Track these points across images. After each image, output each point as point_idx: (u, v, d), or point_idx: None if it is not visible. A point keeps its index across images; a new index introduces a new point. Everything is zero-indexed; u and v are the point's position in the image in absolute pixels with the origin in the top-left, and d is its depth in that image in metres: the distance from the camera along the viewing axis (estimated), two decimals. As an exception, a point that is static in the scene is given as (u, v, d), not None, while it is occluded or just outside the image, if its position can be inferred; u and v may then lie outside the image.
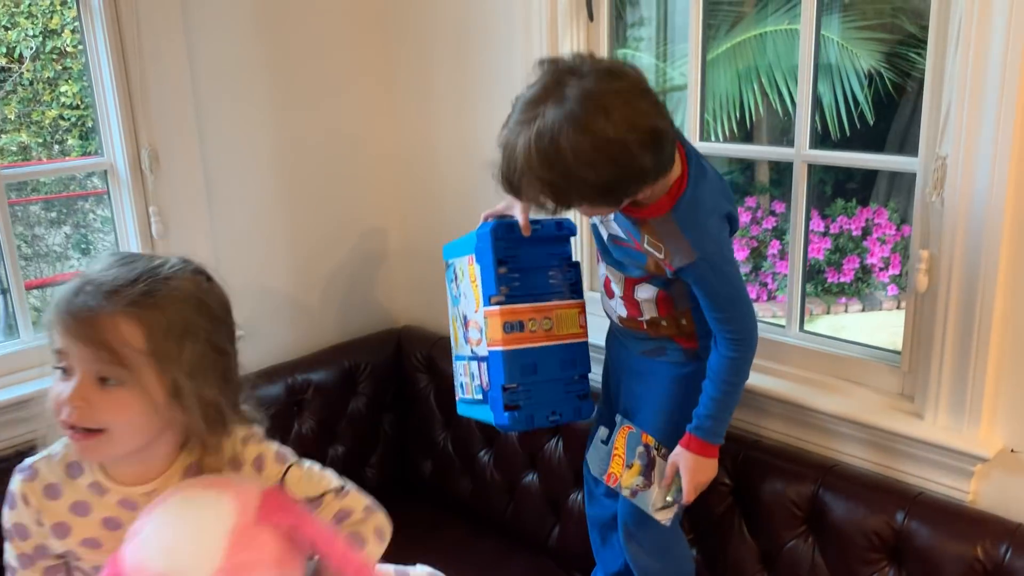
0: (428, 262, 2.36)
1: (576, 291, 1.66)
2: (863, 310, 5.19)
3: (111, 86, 1.88)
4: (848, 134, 4.86)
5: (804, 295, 1.76)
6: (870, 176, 5.49)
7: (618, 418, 1.62)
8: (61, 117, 6.13)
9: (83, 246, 6.33)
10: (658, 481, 1.56)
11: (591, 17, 1.92)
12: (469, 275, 1.66)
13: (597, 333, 1.72)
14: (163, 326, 1.00)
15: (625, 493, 1.57)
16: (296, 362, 2.17)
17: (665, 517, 1.56)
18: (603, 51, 1.95)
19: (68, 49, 6.04)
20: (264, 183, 2.15)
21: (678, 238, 1.37)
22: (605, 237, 1.54)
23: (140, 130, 1.91)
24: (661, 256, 1.42)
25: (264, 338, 2.16)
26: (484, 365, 1.62)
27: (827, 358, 1.69)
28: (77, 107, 6.14)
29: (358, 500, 1.19)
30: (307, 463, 1.17)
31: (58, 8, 5.83)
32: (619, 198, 1.32)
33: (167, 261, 1.07)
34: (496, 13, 2.02)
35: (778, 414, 1.71)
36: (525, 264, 1.61)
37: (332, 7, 2.18)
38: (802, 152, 1.68)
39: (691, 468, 1.50)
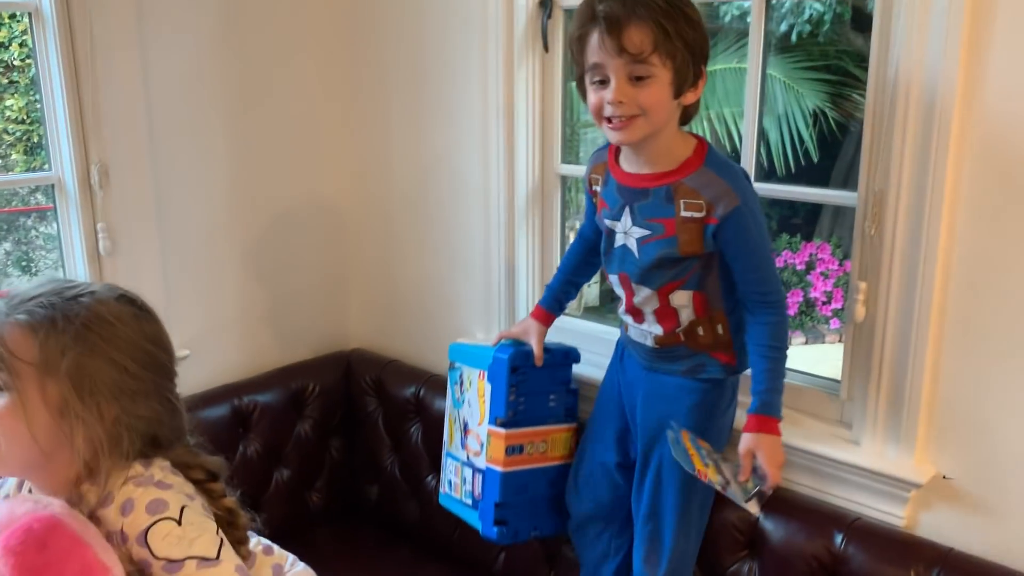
0: (382, 286, 2.37)
1: (571, 415, 1.80)
2: (806, 343, 5.31)
3: (62, 99, 1.86)
4: (793, 170, 5.00)
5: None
6: (814, 212, 5.65)
7: (669, 433, 1.55)
8: (5, 131, 6.01)
9: (24, 263, 6.17)
10: (733, 477, 1.51)
11: (546, 48, 1.96)
12: (478, 388, 1.76)
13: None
14: (57, 340, 1.00)
15: (717, 488, 1.52)
16: (243, 383, 2.15)
17: (757, 508, 1.52)
18: (557, 82, 1.99)
19: (15, 63, 5.93)
20: (215, 201, 2.14)
21: (717, 184, 1.41)
22: (635, 248, 1.50)
23: (90, 145, 1.89)
24: (702, 214, 1.41)
25: (211, 358, 2.13)
26: (480, 477, 1.76)
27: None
28: (23, 121, 6.01)
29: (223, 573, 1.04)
30: (195, 520, 1.04)
31: (6, 21, 5.72)
32: (697, 67, 1.39)
33: (91, 286, 1.07)
34: (454, 41, 2.06)
35: (719, 440, 1.74)
36: (532, 389, 1.74)
37: (289, 27, 2.19)
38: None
39: (770, 450, 1.47)
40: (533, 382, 1.74)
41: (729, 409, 1.61)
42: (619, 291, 1.59)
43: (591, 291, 5.97)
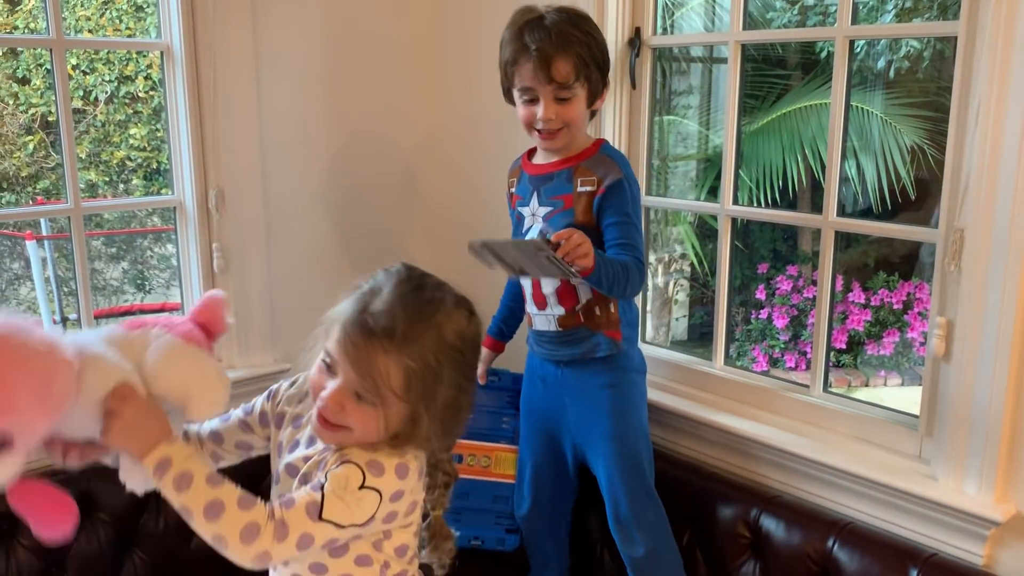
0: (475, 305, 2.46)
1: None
2: (902, 384, 5.16)
3: (186, 129, 2.03)
4: (890, 207, 4.91)
5: (828, 355, 1.82)
6: (914, 251, 5.51)
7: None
8: (128, 158, 6.44)
9: (139, 281, 6.57)
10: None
11: (634, 85, 2.04)
12: None
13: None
14: (421, 377, 1.11)
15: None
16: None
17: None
18: (644, 117, 2.06)
19: (140, 94, 6.37)
20: (318, 225, 2.28)
21: (608, 164, 1.69)
22: (541, 225, 1.71)
23: (209, 171, 2.06)
24: (593, 188, 1.67)
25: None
26: None
27: (849, 418, 1.75)
28: (144, 149, 6.44)
29: (295, 524, 1.10)
30: (371, 496, 1.13)
31: (134, 56, 6.16)
32: (604, 81, 1.68)
33: (442, 294, 1.17)
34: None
35: (798, 471, 1.76)
36: (482, 407, 1.89)
37: (389, 70, 2.33)
38: (829, 219, 1.76)
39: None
40: (481, 400, 1.78)
41: (643, 400, 1.80)
42: (527, 283, 1.76)
43: (679, 325, 5.97)
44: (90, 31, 6.10)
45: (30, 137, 6.17)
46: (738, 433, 1.83)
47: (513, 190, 1.83)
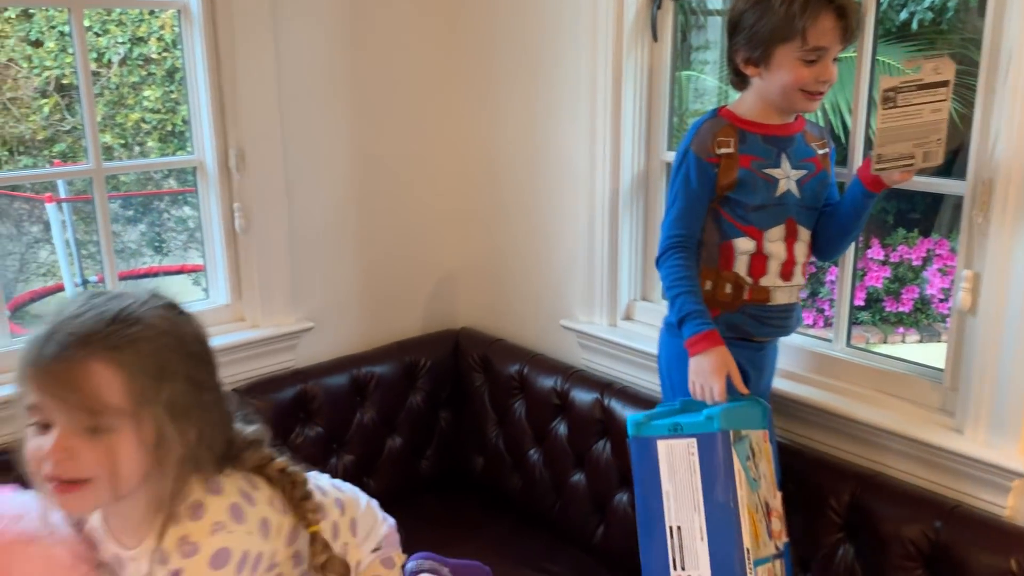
0: (490, 269, 2.48)
1: None
2: (920, 340, 5.14)
3: (205, 89, 2.03)
4: (911, 162, 4.83)
5: (852, 309, 1.82)
6: (933, 206, 5.45)
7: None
8: (143, 120, 6.43)
9: (156, 244, 6.60)
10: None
11: (655, 37, 2.01)
12: (765, 453, 1.52)
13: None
14: (139, 367, 0.96)
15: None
16: (361, 355, 2.29)
17: None
18: (666, 71, 2.04)
19: (153, 56, 6.34)
20: (339, 185, 2.28)
21: (814, 126, 1.68)
22: (795, 189, 1.61)
23: (229, 131, 2.06)
24: (825, 150, 1.66)
25: (333, 331, 2.29)
26: (780, 563, 1.50)
27: (871, 372, 1.75)
28: (158, 111, 6.42)
29: None
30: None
31: (147, 17, 6.12)
32: None
33: (137, 299, 1.01)
34: (563, 31, 2.13)
35: (821, 425, 1.76)
36: None
37: (407, 28, 2.31)
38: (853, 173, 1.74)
39: None
40: None
41: None
42: (772, 249, 1.60)
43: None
44: (104, -9, 6.05)
45: (45, 100, 6.16)
46: (761, 388, 1.84)
47: (731, 150, 1.59)
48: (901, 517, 1.57)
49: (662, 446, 1.44)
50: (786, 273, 1.62)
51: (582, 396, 2.09)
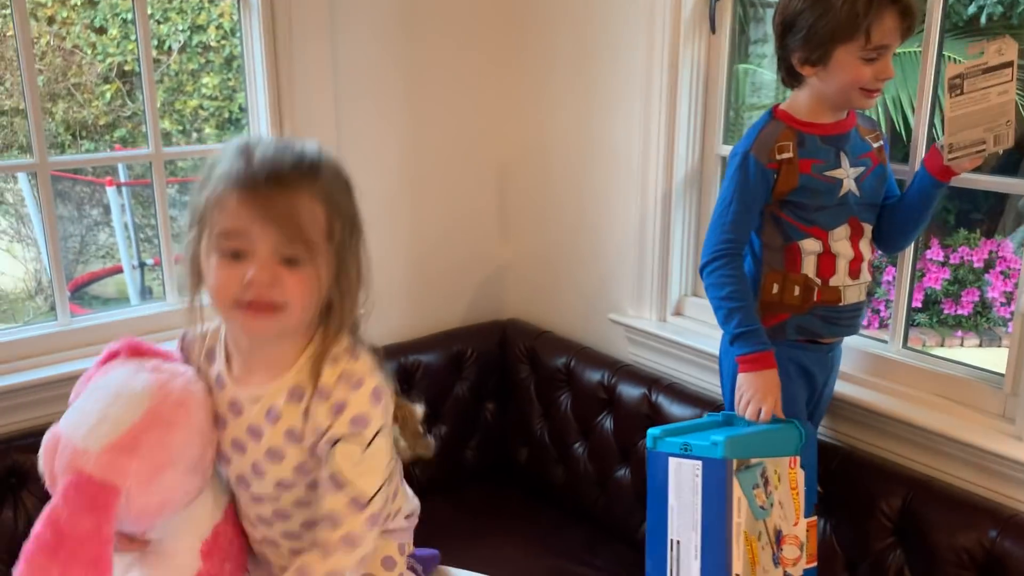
0: (538, 260, 2.47)
1: None
2: (980, 345, 5.00)
3: (262, 78, 2.05)
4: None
5: (910, 311, 1.77)
6: (997, 207, 5.30)
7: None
8: (201, 107, 6.54)
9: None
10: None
11: (713, 29, 1.98)
12: (789, 481, 1.51)
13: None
14: (335, 204, 1.02)
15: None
16: (409, 343, 2.30)
17: None
18: (723, 64, 2.00)
19: (212, 44, 6.45)
20: (391, 174, 2.29)
21: (865, 119, 1.66)
22: (855, 188, 1.58)
23: (285, 119, 2.08)
24: (880, 142, 1.63)
25: (382, 318, 2.25)
26: None
27: (928, 375, 1.70)
28: (216, 98, 6.54)
29: (358, 523, 1.06)
30: (377, 446, 1.08)
31: (206, 5, 6.22)
32: None
33: (315, 143, 1.06)
34: (619, 22, 2.11)
35: (874, 427, 1.73)
36: None
37: (463, 19, 2.31)
38: (915, 169, 1.70)
39: None
40: None
41: None
42: (839, 248, 1.58)
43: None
44: (166, -20, 6.18)
45: (107, 86, 6.31)
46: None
47: (791, 155, 1.56)
48: (955, 524, 1.52)
49: (672, 463, 1.49)
50: (854, 271, 1.60)
51: (629, 391, 2.08)
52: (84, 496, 1.00)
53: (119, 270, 5.39)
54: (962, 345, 5.03)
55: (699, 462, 1.46)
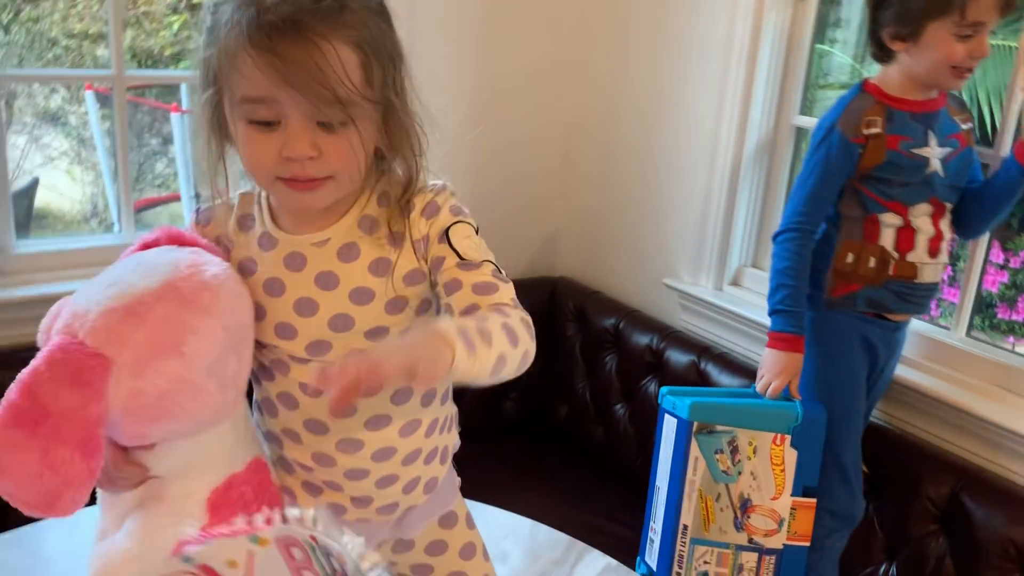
0: (595, 218, 2.46)
1: None
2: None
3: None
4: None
5: (979, 299, 1.73)
6: (1063, 214, 5.14)
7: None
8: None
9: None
10: None
11: (801, -4, 1.93)
12: (770, 456, 1.57)
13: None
14: (374, 46, 0.86)
15: None
16: (461, 291, 2.31)
17: None
18: (807, 35, 1.95)
19: None
20: (456, 121, 2.26)
21: (956, 99, 1.61)
22: (940, 168, 1.54)
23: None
24: (969, 125, 1.59)
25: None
26: (774, 559, 1.60)
27: (991, 365, 1.67)
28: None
29: (508, 292, 0.94)
30: (480, 239, 1.00)
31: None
32: None
33: None
34: (705, -17, 2.06)
35: (927, 412, 1.70)
36: None
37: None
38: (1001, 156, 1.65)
39: None
40: None
41: None
42: (920, 224, 1.55)
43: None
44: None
45: (176, 16, 6.36)
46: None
47: (879, 130, 1.53)
48: (1005, 516, 1.50)
49: (667, 419, 1.64)
50: (934, 249, 1.57)
51: (678, 357, 2.07)
52: (70, 365, 0.85)
53: (176, 198, 5.46)
54: (1013, 351, 4.92)
55: (674, 420, 1.62)
